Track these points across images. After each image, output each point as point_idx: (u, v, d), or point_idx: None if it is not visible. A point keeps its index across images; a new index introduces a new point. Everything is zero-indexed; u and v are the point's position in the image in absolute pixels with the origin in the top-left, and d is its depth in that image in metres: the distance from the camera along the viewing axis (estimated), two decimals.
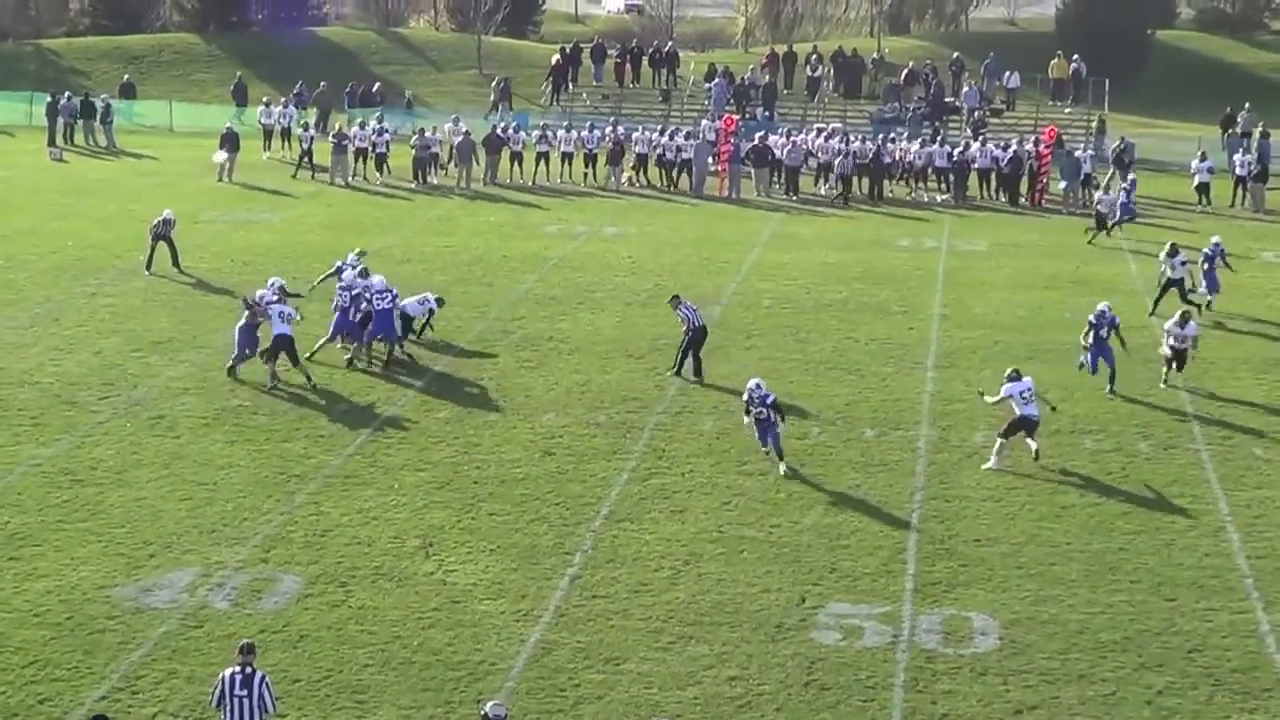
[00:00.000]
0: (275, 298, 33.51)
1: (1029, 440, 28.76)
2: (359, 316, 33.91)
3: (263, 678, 17.90)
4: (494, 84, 71.96)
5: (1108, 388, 32.50)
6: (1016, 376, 29.11)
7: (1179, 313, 33.35)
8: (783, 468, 27.86)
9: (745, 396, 28.37)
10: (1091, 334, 32.90)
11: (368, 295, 33.85)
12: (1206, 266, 39.52)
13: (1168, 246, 39.25)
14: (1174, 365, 33.00)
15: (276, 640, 21.61)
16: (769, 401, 27.94)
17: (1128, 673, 21.21)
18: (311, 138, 58.28)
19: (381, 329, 33.95)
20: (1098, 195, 49.90)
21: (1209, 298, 39.28)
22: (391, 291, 34.13)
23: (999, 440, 28.79)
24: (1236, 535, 25.79)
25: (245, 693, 17.72)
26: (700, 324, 33.61)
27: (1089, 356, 32.94)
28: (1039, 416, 28.77)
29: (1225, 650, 21.86)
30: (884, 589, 23.67)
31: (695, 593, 23.43)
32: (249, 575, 23.75)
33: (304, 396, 31.89)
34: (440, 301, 36.19)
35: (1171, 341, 32.85)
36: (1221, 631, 22.42)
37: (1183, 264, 38.60)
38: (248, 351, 32.95)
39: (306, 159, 57.39)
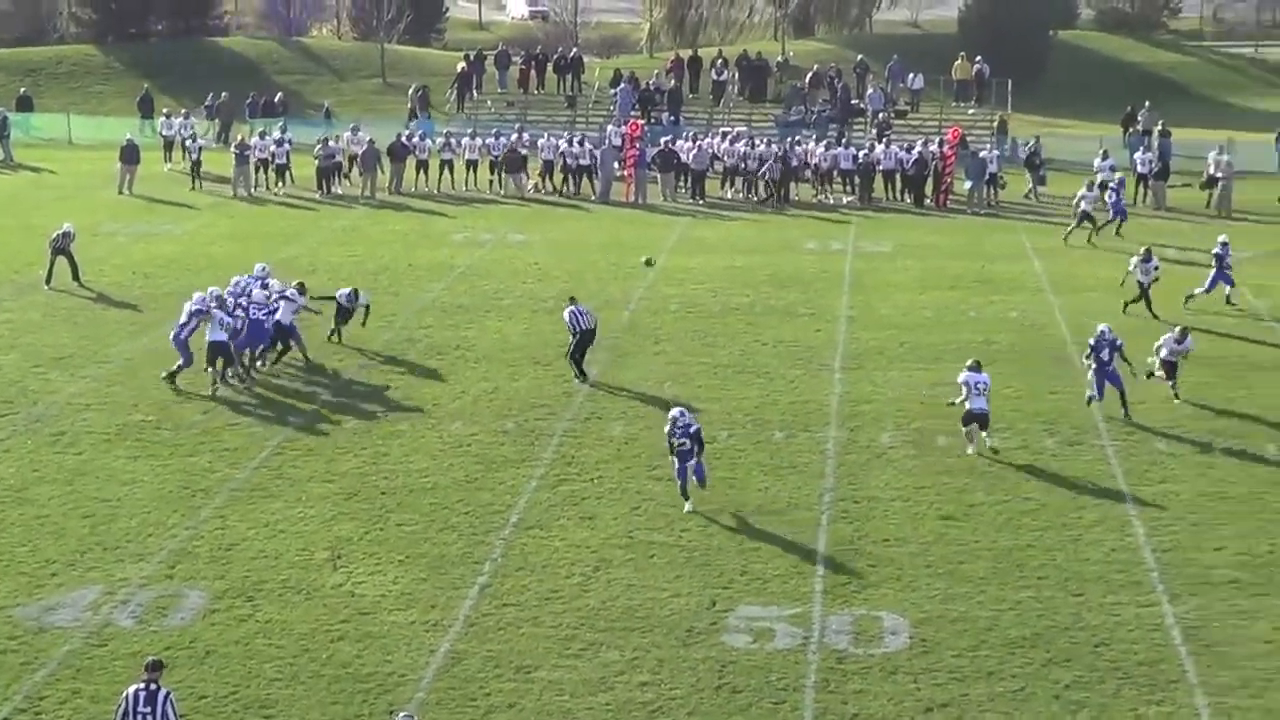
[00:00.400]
0: (215, 304, 33.21)
1: (983, 434, 29.14)
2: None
3: (167, 695, 17.68)
4: (411, 92, 71.58)
5: (1122, 413, 31.21)
6: (976, 368, 29.44)
7: (1178, 328, 32.64)
8: (688, 506, 26.56)
9: (668, 428, 26.80)
10: (1092, 358, 31.41)
11: (243, 303, 33.67)
12: (1216, 265, 39.75)
13: (1142, 251, 39.35)
14: (1166, 375, 32.26)
15: (183, 656, 21.37)
16: (691, 431, 26.63)
17: (1036, 668, 21.31)
18: (200, 148, 57.85)
19: (253, 338, 33.85)
20: (1079, 193, 49.67)
21: (1202, 293, 39.73)
22: (268, 305, 34.10)
23: (964, 429, 29.33)
24: (1142, 529, 25.97)
25: (149, 710, 17.51)
26: (586, 327, 33.57)
27: (1094, 384, 31.46)
28: (988, 411, 29.09)
29: (1132, 644, 22.00)
30: (794, 591, 23.68)
31: (606, 599, 23.37)
32: (154, 592, 23.48)
33: (208, 410, 31.61)
34: (353, 295, 36.00)
35: (1164, 354, 32.18)
36: (1128, 625, 22.56)
37: (1155, 269, 38.72)
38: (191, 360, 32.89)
39: (194, 170, 57.02)
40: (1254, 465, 29.04)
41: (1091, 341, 31.49)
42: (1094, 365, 31.36)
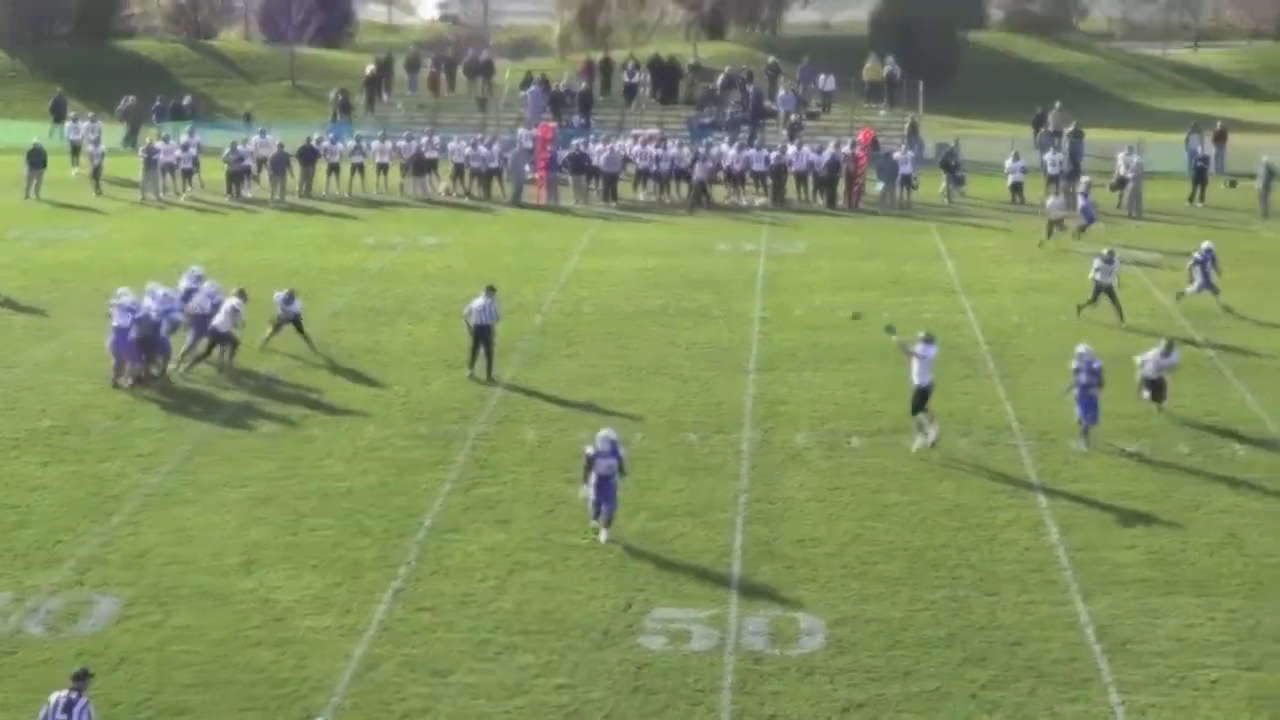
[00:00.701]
0: (159, 305, 33.33)
1: (928, 420, 29.34)
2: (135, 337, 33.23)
3: (84, 705, 17.60)
4: (332, 96, 71.18)
5: (1080, 434, 30.29)
6: (930, 340, 29.44)
7: (1164, 341, 32.17)
8: (604, 535, 25.64)
9: (591, 451, 25.67)
10: (1075, 383, 30.17)
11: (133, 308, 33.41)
12: (1199, 271, 39.99)
13: (1104, 252, 39.41)
14: (1152, 393, 31.63)
15: (95, 664, 20.99)
16: (621, 453, 25.88)
17: (952, 668, 21.39)
18: (102, 154, 57.32)
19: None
20: (1049, 201, 49.92)
21: (1188, 292, 40.12)
22: (169, 307, 34.00)
23: (915, 419, 29.37)
24: (1055, 529, 26.12)
25: (65, 718, 17.47)
26: (475, 323, 33.58)
27: (1080, 409, 30.13)
28: (932, 383, 29.27)
29: (1046, 642, 22.12)
30: (710, 592, 23.67)
31: (521, 602, 23.30)
32: (65, 599, 23.22)
33: (120, 415, 31.31)
34: (290, 297, 35.87)
35: (1148, 370, 31.61)
36: (1042, 624, 22.68)
37: (1114, 270, 38.78)
38: (144, 357, 32.86)
39: (94, 175, 56.57)
40: (1165, 464, 29.27)
41: (1074, 364, 30.42)
42: (1076, 390, 30.30)
